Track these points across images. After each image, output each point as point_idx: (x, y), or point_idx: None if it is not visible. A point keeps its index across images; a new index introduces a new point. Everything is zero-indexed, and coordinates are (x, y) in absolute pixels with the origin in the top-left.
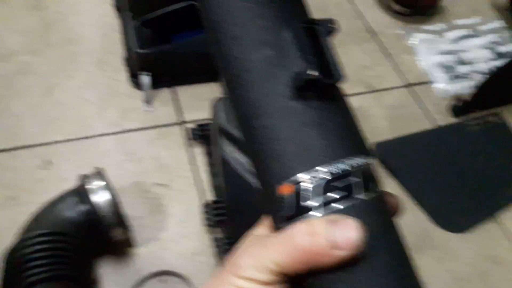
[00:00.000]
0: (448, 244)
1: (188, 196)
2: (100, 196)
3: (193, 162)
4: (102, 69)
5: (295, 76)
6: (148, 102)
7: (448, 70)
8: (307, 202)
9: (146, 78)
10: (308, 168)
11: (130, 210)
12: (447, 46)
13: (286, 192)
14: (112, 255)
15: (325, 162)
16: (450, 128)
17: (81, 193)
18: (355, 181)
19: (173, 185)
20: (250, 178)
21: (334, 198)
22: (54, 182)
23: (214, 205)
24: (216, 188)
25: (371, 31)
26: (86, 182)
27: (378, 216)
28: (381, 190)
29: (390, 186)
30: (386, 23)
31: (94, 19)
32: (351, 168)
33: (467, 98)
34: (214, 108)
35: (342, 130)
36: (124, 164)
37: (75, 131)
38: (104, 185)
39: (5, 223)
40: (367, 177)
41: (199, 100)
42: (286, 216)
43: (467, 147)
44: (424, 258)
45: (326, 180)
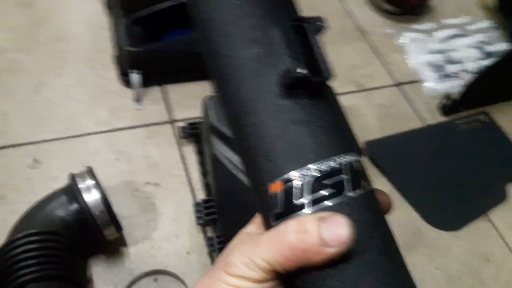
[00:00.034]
0: (439, 242)
1: (179, 195)
2: (90, 195)
3: (184, 161)
4: (92, 67)
5: (284, 74)
6: (138, 100)
7: (437, 69)
8: (297, 200)
9: (136, 77)
10: (297, 166)
11: (121, 209)
12: (436, 46)
13: (276, 190)
14: (103, 255)
15: (314, 160)
16: (440, 126)
17: (71, 192)
18: (345, 178)
19: (164, 184)
20: (242, 177)
21: (324, 195)
22: (43, 181)
23: (206, 204)
24: (207, 186)
25: (361, 30)
26: (77, 181)
27: (368, 213)
28: (371, 188)
29: (380, 185)
30: (376, 22)
31: (83, 17)
32: (341, 165)
33: (456, 97)
34: (205, 106)
35: (332, 128)
36: (114, 163)
37: (65, 130)
38: (94, 184)
39: None
40: (357, 174)
41: (190, 98)
42: (277, 213)
43: (457, 146)
44: (416, 256)
45: (316, 177)
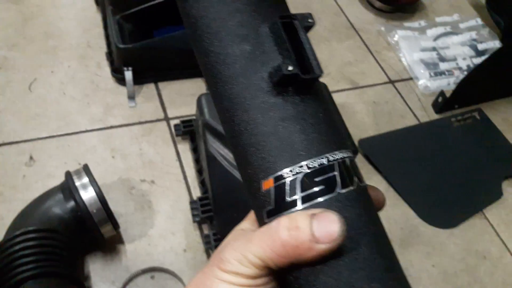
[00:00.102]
0: (436, 239)
1: (175, 192)
2: (87, 193)
3: (180, 158)
4: (85, 64)
5: (274, 71)
6: (131, 97)
7: (429, 66)
8: (289, 197)
9: (129, 74)
10: (290, 163)
11: (117, 207)
12: (428, 43)
13: (269, 187)
14: (100, 252)
15: (306, 157)
16: (433, 124)
17: (67, 190)
18: (336, 175)
19: (160, 181)
20: (237, 173)
21: (316, 192)
22: (38, 178)
23: (202, 201)
24: (203, 184)
25: (354, 28)
26: (73, 179)
27: (360, 209)
28: (363, 184)
29: (376, 182)
30: (368, 20)
31: (75, 13)
32: (332, 162)
33: (450, 95)
34: (199, 103)
35: (323, 124)
36: (110, 160)
37: (59, 127)
38: (90, 181)
39: None
40: (349, 171)
41: (184, 95)
42: (269, 210)
43: (451, 143)
44: (412, 253)
45: (308, 174)
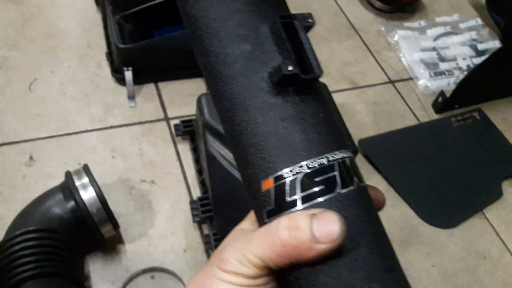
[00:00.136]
0: (436, 239)
1: (175, 192)
2: (87, 193)
3: (180, 158)
4: (85, 64)
5: (274, 71)
6: (131, 97)
7: (429, 66)
8: (289, 197)
9: (129, 74)
10: (290, 163)
11: (117, 207)
12: (428, 43)
13: (268, 187)
14: (101, 252)
15: (306, 157)
16: (433, 124)
17: (67, 190)
18: (336, 175)
19: (160, 181)
20: (237, 173)
21: (316, 192)
22: (38, 178)
23: (202, 201)
24: (203, 184)
25: (354, 28)
26: (72, 179)
27: (360, 209)
28: (363, 184)
29: (376, 182)
30: (368, 20)
31: (74, 13)
32: (332, 162)
33: (449, 95)
34: (199, 103)
35: (323, 124)
36: (110, 160)
37: (59, 127)
38: (90, 181)
39: None
40: (349, 171)
41: (184, 95)
42: (269, 210)
43: (451, 143)
44: (412, 253)
45: (308, 174)
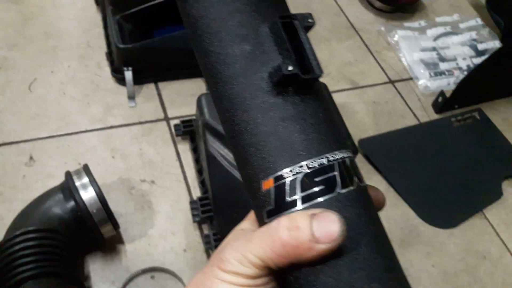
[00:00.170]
0: (436, 239)
1: (175, 192)
2: (87, 193)
3: (180, 158)
4: (85, 64)
5: (274, 71)
6: (131, 97)
7: (429, 66)
8: (289, 197)
9: (129, 74)
10: (290, 163)
11: (117, 207)
12: (428, 43)
13: (268, 187)
14: (100, 252)
15: (306, 157)
16: (433, 124)
17: (67, 190)
18: (336, 175)
19: (160, 181)
20: (237, 174)
21: (316, 192)
22: (39, 178)
23: (202, 201)
24: (203, 184)
25: (354, 28)
26: (72, 179)
27: (359, 209)
28: (363, 184)
29: (376, 182)
30: (368, 20)
31: (74, 13)
32: (332, 162)
33: (449, 95)
34: (199, 103)
35: (322, 124)
36: (110, 160)
37: (59, 127)
38: (90, 181)
39: None
40: (349, 171)
41: (184, 95)
42: (269, 210)
43: (451, 143)
44: (412, 253)
45: (308, 174)
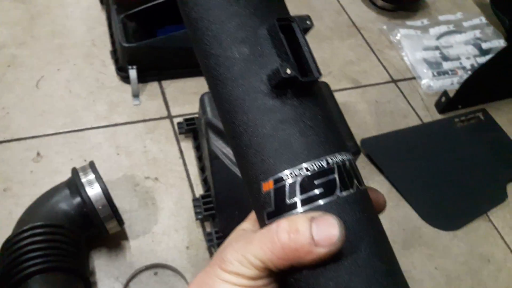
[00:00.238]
0: (439, 241)
1: (178, 189)
2: (93, 189)
3: (183, 156)
4: (90, 62)
5: (272, 74)
6: (136, 95)
7: (432, 66)
8: (289, 199)
9: (133, 72)
10: (290, 165)
11: (121, 203)
12: (431, 42)
13: (268, 189)
14: (105, 248)
15: (306, 159)
16: (436, 124)
17: (73, 186)
18: (336, 177)
19: (163, 179)
20: (239, 172)
21: (316, 195)
22: (45, 174)
23: (204, 199)
24: (206, 182)
25: (356, 26)
26: (79, 176)
27: (359, 212)
28: (363, 186)
29: (378, 183)
30: (370, 18)
31: (81, 12)
32: (331, 164)
33: (452, 94)
34: (202, 102)
35: (321, 126)
36: (115, 157)
37: (66, 124)
38: (96, 178)
39: None
40: (349, 173)
41: (187, 94)
42: (269, 212)
43: (455, 144)
44: (414, 255)
45: (308, 177)
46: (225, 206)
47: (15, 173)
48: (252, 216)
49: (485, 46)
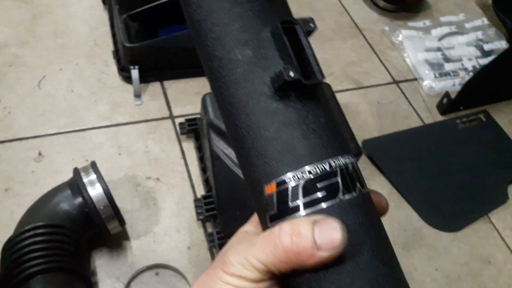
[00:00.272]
0: (439, 242)
1: (180, 190)
2: (94, 189)
3: (184, 156)
4: (92, 62)
5: (275, 77)
6: (138, 96)
7: (434, 67)
8: (291, 202)
9: (135, 72)
10: (292, 168)
11: (123, 204)
12: (433, 43)
13: (271, 192)
14: (107, 248)
15: (309, 162)
16: (438, 125)
17: (75, 186)
18: (338, 181)
19: (165, 179)
20: (240, 173)
21: (318, 198)
22: (47, 174)
23: (206, 199)
24: (207, 182)
25: (358, 27)
26: (80, 176)
27: (362, 216)
28: (366, 190)
29: (380, 184)
30: (372, 19)
31: (82, 12)
32: (334, 168)
33: (454, 96)
34: (203, 102)
35: (324, 129)
36: (116, 157)
37: (67, 124)
38: (98, 178)
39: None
40: (351, 176)
41: (188, 94)
42: (272, 215)
43: (456, 145)
44: (415, 256)
45: (310, 180)
46: (226, 206)
47: (17, 173)
48: (254, 218)
49: (487, 47)
